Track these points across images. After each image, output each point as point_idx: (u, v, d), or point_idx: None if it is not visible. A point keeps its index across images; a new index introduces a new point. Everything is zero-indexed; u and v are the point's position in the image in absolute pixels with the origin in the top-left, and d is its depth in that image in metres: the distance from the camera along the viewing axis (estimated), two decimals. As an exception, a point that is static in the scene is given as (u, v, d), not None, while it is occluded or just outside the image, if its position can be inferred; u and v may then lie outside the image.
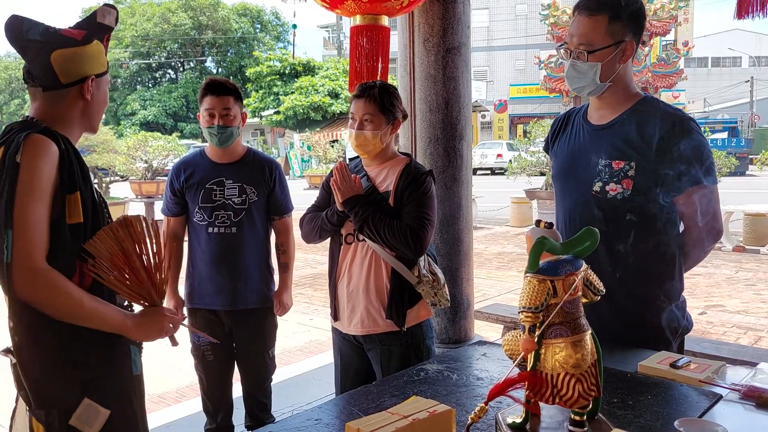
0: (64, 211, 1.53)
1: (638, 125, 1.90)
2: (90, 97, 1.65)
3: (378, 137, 2.30)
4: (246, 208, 2.78)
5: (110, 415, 1.59)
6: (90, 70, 1.64)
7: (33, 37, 1.57)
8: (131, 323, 1.60)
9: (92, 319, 1.53)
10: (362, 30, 3.01)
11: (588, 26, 1.89)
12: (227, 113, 2.71)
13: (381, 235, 2.21)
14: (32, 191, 1.47)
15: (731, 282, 6.98)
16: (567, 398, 1.24)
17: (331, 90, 27.59)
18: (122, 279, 1.58)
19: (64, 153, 1.54)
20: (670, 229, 1.94)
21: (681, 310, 2.01)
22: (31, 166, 1.47)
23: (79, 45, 1.60)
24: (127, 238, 1.57)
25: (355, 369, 2.44)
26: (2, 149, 1.50)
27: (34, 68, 1.60)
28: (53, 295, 1.47)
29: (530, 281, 1.24)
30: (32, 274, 1.45)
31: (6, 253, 1.43)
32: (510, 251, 9.33)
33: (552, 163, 2.23)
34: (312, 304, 6.44)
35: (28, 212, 1.46)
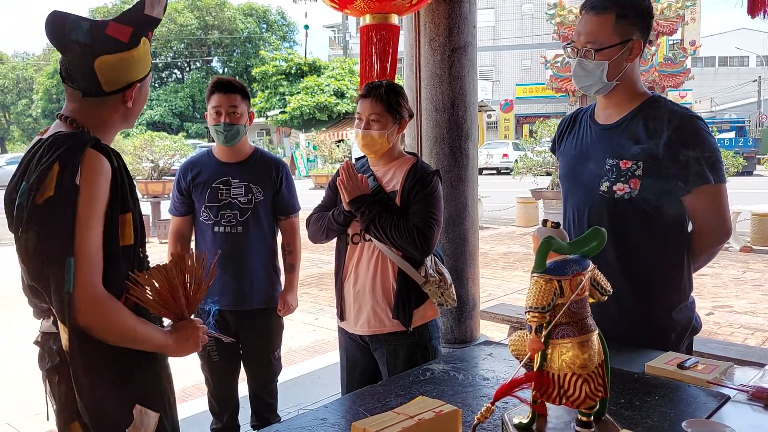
0: (116, 233, 1.47)
1: (645, 124, 1.89)
2: (131, 103, 1.57)
3: (385, 137, 2.30)
4: (252, 207, 2.78)
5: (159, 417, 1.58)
6: (135, 76, 1.54)
7: (76, 38, 1.45)
8: (171, 341, 1.57)
9: (141, 343, 1.51)
10: (372, 29, 3.00)
11: (595, 25, 1.88)
12: (234, 111, 2.72)
13: (387, 235, 2.20)
14: (92, 216, 1.40)
15: (739, 282, 6.94)
16: (574, 399, 1.23)
17: (336, 90, 27.60)
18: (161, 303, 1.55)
19: (117, 171, 1.47)
20: (679, 229, 1.93)
21: (689, 311, 2.00)
22: (89, 188, 1.40)
23: (125, 49, 1.49)
24: (178, 275, 1.54)
25: (362, 369, 2.44)
26: (57, 167, 1.39)
27: (75, 72, 1.49)
28: (111, 322, 1.44)
29: (537, 281, 1.23)
30: (93, 303, 1.40)
31: (68, 283, 1.36)
32: (516, 251, 9.31)
33: (559, 164, 2.22)
34: (318, 303, 6.45)
35: (89, 238, 1.39)
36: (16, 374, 4.62)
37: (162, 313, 1.57)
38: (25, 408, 3.97)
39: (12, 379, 4.51)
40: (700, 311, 2.09)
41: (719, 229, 1.92)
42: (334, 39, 43.93)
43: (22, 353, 5.10)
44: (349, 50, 33.40)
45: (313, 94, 27.26)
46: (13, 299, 7.04)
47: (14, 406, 4.04)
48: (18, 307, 6.76)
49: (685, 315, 1.98)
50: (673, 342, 1.94)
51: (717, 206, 1.89)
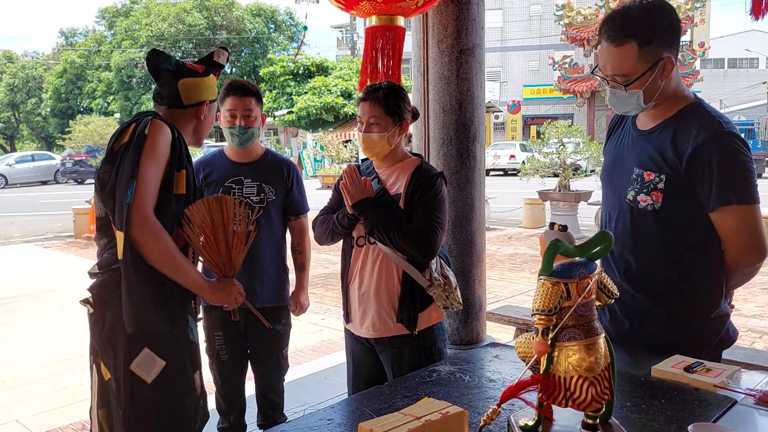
0: (172, 183, 1.89)
1: (674, 135, 1.81)
2: (203, 118, 2.09)
3: (385, 139, 2.29)
4: (264, 206, 2.80)
5: (165, 366, 1.86)
6: (206, 97, 2.07)
7: (166, 67, 2.00)
8: (207, 286, 1.94)
9: (180, 272, 1.85)
10: (378, 31, 3.00)
11: (618, 57, 1.78)
12: (249, 114, 2.74)
13: (391, 239, 2.19)
14: (153, 157, 1.83)
15: (746, 286, 6.85)
16: (580, 401, 1.24)
17: (344, 90, 27.63)
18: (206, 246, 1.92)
19: (176, 140, 1.92)
20: (705, 246, 1.86)
21: (717, 324, 1.92)
22: (154, 139, 1.84)
23: (199, 76, 2.04)
24: (218, 212, 1.92)
25: (368, 370, 2.44)
26: (133, 126, 1.87)
27: (164, 91, 2.02)
28: (155, 241, 1.79)
29: (544, 284, 1.24)
30: (143, 219, 1.77)
31: (129, 196, 1.76)
32: (522, 253, 9.30)
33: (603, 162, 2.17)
34: (324, 303, 6.46)
35: (148, 171, 1.81)
36: (23, 374, 4.65)
37: (209, 263, 1.95)
38: (32, 406, 4.00)
39: (19, 379, 4.54)
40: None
41: (749, 249, 1.82)
42: (342, 39, 43.96)
43: (28, 353, 5.14)
44: (356, 51, 33.41)
45: (320, 95, 27.30)
46: (19, 300, 7.08)
47: (22, 404, 4.06)
48: (23, 309, 6.81)
49: (711, 328, 1.90)
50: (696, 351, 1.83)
51: (744, 226, 1.79)
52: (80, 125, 28.78)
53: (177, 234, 1.90)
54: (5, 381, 4.49)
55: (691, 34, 22.72)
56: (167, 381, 1.86)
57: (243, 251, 1.97)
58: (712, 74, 36.82)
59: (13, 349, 5.26)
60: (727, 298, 1.96)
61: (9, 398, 4.17)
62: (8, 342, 5.50)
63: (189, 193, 1.94)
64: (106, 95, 39.00)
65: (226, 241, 1.92)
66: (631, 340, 1.93)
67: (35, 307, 6.66)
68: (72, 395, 4.06)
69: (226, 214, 1.92)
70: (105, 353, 1.86)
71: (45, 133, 43.84)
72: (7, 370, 4.72)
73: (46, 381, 4.45)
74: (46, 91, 41.91)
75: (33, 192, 23.16)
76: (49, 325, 5.93)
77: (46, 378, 4.50)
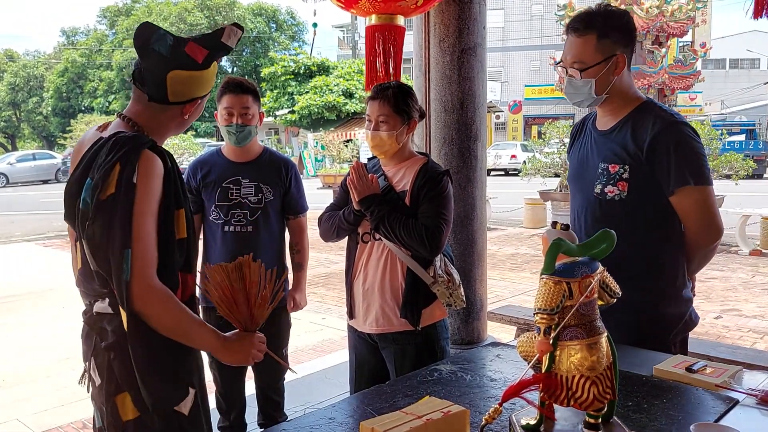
0: (172, 227, 1.60)
1: (632, 130, 2.00)
2: (188, 117, 1.71)
3: (394, 138, 2.31)
4: (262, 207, 2.79)
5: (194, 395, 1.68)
6: (198, 93, 1.67)
7: (158, 49, 1.60)
8: (223, 345, 1.65)
9: (191, 339, 1.61)
10: (377, 30, 3.00)
11: (578, 46, 2.00)
12: (246, 112, 2.73)
13: (397, 234, 2.21)
14: (147, 211, 1.53)
15: (748, 286, 6.90)
16: (582, 401, 1.24)
17: (345, 90, 27.61)
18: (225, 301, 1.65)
19: (170, 171, 1.60)
20: (668, 229, 2.02)
21: (682, 306, 2.07)
22: (145, 186, 1.53)
23: (197, 69, 1.63)
24: (237, 279, 1.63)
25: (370, 368, 2.45)
26: (118, 167, 1.52)
27: (148, 78, 1.62)
28: (164, 312, 1.54)
29: (546, 283, 1.24)
30: (149, 291, 1.51)
31: (126, 272, 1.48)
32: (523, 252, 9.29)
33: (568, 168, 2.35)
34: (325, 303, 6.46)
35: (145, 232, 1.52)
36: (23, 373, 4.65)
37: (227, 316, 1.67)
38: (33, 405, 4.00)
39: (20, 378, 4.55)
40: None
41: (706, 230, 1.99)
42: (343, 39, 43.95)
43: (29, 352, 5.14)
44: (357, 50, 33.41)
45: (321, 94, 27.28)
46: (20, 299, 7.09)
47: (23, 403, 4.07)
48: (24, 307, 6.81)
49: (676, 309, 2.06)
50: (662, 335, 2.03)
51: (701, 208, 1.96)
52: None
53: (184, 281, 1.65)
54: (6, 379, 4.49)
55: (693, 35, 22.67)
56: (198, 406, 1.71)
57: (268, 309, 1.70)
58: (714, 75, 36.80)
59: (13, 348, 5.26)
60: (690, 283, 2.11)
61: (10, 397, 4.17)
62: (9, 340, 5.50)
63: (190, 233, 1.67)
64: (108, 94, 39.00)
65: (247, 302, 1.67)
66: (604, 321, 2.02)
67: (36, 306, 6.66)
68: (73, 394, 4.06)
69: (250, 279, 1.65)
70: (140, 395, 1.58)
71: (46, 132, 43.87)
72: (8, 368, 4.72)
73: (46, 380, 4.45)
74: (48, 90, 41.93)
75: (34, 191, 23.17)
76: (49, 323, 5.93)
77: (46, 377, 4.50)
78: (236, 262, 1.65)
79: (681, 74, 18.37)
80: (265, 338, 1.75)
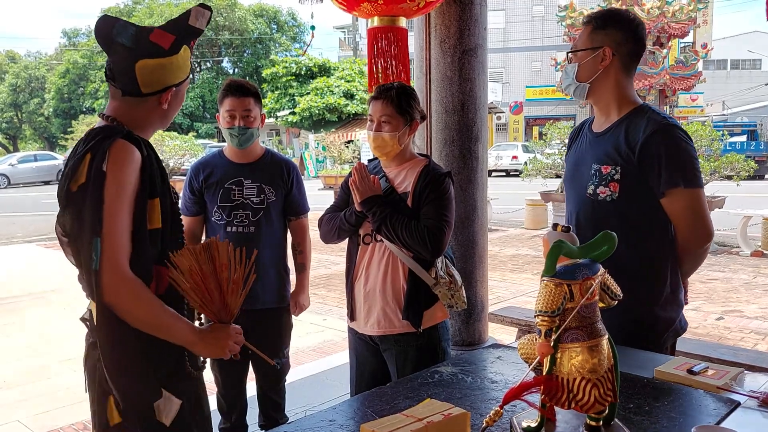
0: (145, 217, 1.54)
1: (626, 132, 2.02)
2: (167, 105, 1.66)
3: (396, 138, 2.31)
4: (264, 207, 2.80)
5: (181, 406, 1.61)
6: (171, 81, 1.63)
7: (121, 41, 1.57)
8: (198, 338, 1.59)
9: (165, 332, 1.55)
10: (379, 32, 3.00)
11: (580, 33, 2.11)
12: (248, 114, 2.73)
13: (398, 236, 2.21)
14: (118, 200, 1.48)
15: (749, 287, 6.89)
16: (583, 403, 1.23)
17: (346, 91, 27.62)
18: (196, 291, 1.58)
19: (146, 159, 1.56)
20: (659, 230, 2.03)
21: (672, 311, 2.07)
22: (116, 174, 1.48)
23: (165, 56, 1.59)
24: (208, 261, 1.57)
25: (371, 370, 2.45)
26: (89, 156, 1.50)
27: (117, 72, 1.60)
28: (136, 304, 1.49)
29: (547, 285, 1.23)
30: (119, 282, 1.46)
31: (95, 261, 1.45)
32: (525, 254, 9.29)
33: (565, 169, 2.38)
34: (326, 304, 6.45)
35: (115, 221, 1.47)
36: (24, 373, 4.65)
37: (201, 308, 1.61)
38: (34, 406, 4.00)
39: (20, 379, 4.55)
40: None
41: (696, 233, 2.00)
42: (344, 40, 43.97)
43: (30, 353, 5.15)
44: (359, 51, 33.42)
45: (322, 95, 27.29)
46: (21, 300, 7.09)
47: (23, 404, 4.07)
48: (25, 308, 6.81)
49: (667, 314, 2.06)
50: (653, 338, 2.03)
51: (691, 210, 1.98)
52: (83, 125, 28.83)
53: (159, 274, 1.58)
54: (7, 380, 4.49)
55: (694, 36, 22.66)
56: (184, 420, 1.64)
57: (241, 295, 1.63)
58: (715, 75, 36.76)
59: (14, 349, 5.26)
60: (683, 289, 2.11)
61: (10, 398, 4.17)
62: (10, 341, 5.50)
63: (166, 224, 1.60)
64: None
65: (219, 288, 1.60)
66: None
67: (37, 307, 6.66)
68: (73, 395, 4.06)
69: (219, 261, 1.58)
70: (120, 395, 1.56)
71: (47, 133, 43.91)
72: (9, 369, 4.73)
73: (47, 381, 4.45)
74: (49, 92, 41.97)
75: (35, 192, 23.18)
76: (51, 324, 5.93)
77: (47, 378, 4.50)
78: (204, 243, 1.59)
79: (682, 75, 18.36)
80: (241, 330, 1.69)
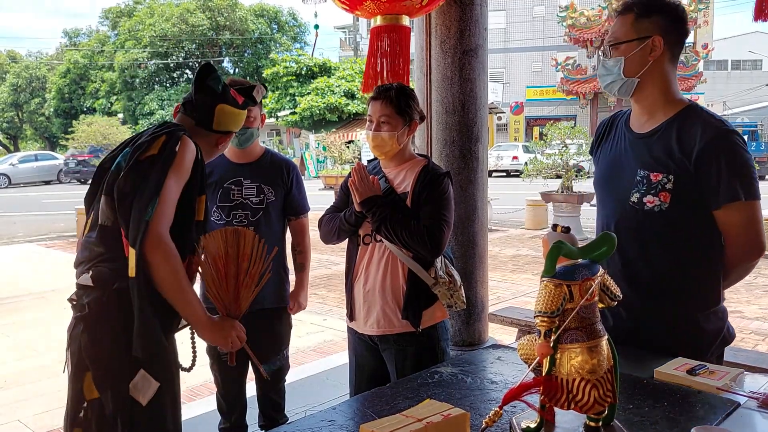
0: (194, 209, 1.87)
1: (678, 136, 1.84)
2: (220, 147, 2.08)
3: (395, 138, 2.31)
4: (263, 207, 2.80)
5: (159, 388, 1.78)
6: (234, 128, 2.07)
7: (212, 86, 1.96)
8: (207, 321, 1.83)
9: (184, 300, 1.76)
10: (383, 30, 2.99)
11: (617, 24, 1.91)
12: (248, 115, 2.72)
13: (398, 236, 2.21)
14: (179, 176, 1.79)
15: (749, 288, 6.89)
16: (582, 404, 1.23)
17: (347, 91, 27.62)
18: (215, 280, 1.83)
19: (199, 161, 1.88)
20: (709, 242, 1.89)
21: (720, 320, 1.96)
22: (182, 157, 1.79)
23: (237, 107, 2.02)
24: (234, 246, 1.83)
25: (370, 370, 2.45)
26: (164, 138, 1.80)
27: (199, 107, 1.97)
28: (165, 261, 1.70)
29: (546, 285, 1.23)
30: (158, 238, 1.69)
31: (149, 213, 1.69)
32: (525, 254, 9.29)
33: (594, 169, 2.19)
34: (326, 304, 6.46)
35: (171, 192, 1.76)
36: (25, 373, 4.65)
37: (214, 299, 1.84)
38: (34, 406, 4.01)
39: (21, 378, 4.55)
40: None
41: (751, 246, 1.87)
42: (345, 40, 43.96)
43: (30, 353, 5.15)
44: (359, 51, 33.41)
45: (323, 95, 27.30)
46: (22, 300, 7.09)
47: (24, 403, 4.07)
48: (26, 308, 6.80)
49: (714, 324, 1.93)
50: (701, 350, 1.89)
51: (748, 223, 1.84)
52: (83, 125, 28.79)
53: (189, 262, 1.84)
54: (7, 380, 4.49)
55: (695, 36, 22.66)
56: (159, 402, 1.78)
57: (254, 292, 1.86)
58: (716, 76, 36.74)
59: (15, 349, 5.27)
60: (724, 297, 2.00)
61: (11, 397, 4.17)
62: (10, 341, 5.51)
63: (206, 219, 1.93)
64: (110, 95, 39.01)
65: (236, 277, 1.81)
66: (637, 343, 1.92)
67: (38, 307, 6.66)
68: (74, 395, 4.06)
69: (242, 249, 1.82)
70: (99, 372, 1.72)
71: (48, 133, 43.91)
72: (9, 369, 4.73)
73: (48, 380, 4.45)
74: (50, 91, 41.96)
75: (36, 192, 23.20)
76: (51, 324, 5.93)
77: (48, 377, 4.50)
78: (234, 228, 1.88)
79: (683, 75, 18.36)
80: (245, 330, 1.90)
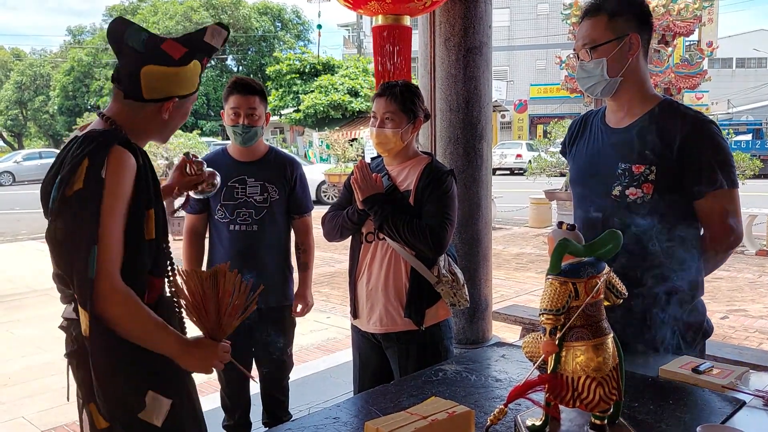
0: (142, 227, 1.55)
1: (658, 128, 1.88)
2: (167, 116, 1.64)
3: (398, 135, 2.31)
4: (267, 206, 2.80)
5: (172, 405, 1.60)
6: (175, 92, 1.62)
7: (131, 45, 1.56)
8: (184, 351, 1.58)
9: (153, 343, 1.54)
10: (384, 30, 3.00)
11: (590, 26, 1.92)
12: (252, 113, 2.73)
13: (400, 234, 2.21)
14: (115, 209, 1.48)
15: (754, 286, 6.87)
16: (588, 402, 1.23)
17: (350, 88, 27.59)
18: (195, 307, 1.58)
19: (142, 168, 1.55)
20: (691, 233, 1.92)
21: (701, 314, 1.99)
22: (114, 182, 1.47)
23: (172, 65, 1.59)
24: (212, 287, 1.57)
25: (374, 367, 2.45)
26: (86, 162, 1.47)
27: (123, 74, 1.59)
28: (127, 315, 1.48)
29: (552, 283, 1.23)
30: (112, 292, 1.46)
31: (91, 269, 1.43)
32: (529, 252, 9.28)
33: (570, 167, 2.21)
34: (330, 302, 6.46)
35: (111, 230, 1.47)
36: (29, 370, 4.67)
37: (196, 323, 1.60)
38: (38, 403, 4.02)
39: (26, 375, 4.56)
40: (714, 315, 2.08)
41: (731, 234, 1.91)
42: (349, 38, 43.94)
43: (35, 350, 5.16)
44: (363, 49, 33.41)
45: (327, 93, 27.26)
46: (26, 297, 7.11)
47: (28, 400, 4.08)
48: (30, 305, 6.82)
49: (696, 318, 1.97)
50: (685, 344, 1.93)
51: (729, 211, 1.88)
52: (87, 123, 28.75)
53: (151, 284, 1.60)
54: (11, 377, 4.51)
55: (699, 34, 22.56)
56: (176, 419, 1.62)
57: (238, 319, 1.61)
58: (720, 74, 36.61)
59: (19, 346, 5.28)
60: None
61: (15, 395, 4.18)
62: (15, 338, 5.52)
63: (159, 234, 1.60)
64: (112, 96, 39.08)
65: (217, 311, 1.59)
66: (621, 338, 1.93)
67: (42, 304, 6.68)
68: (78, 392, 4.08)
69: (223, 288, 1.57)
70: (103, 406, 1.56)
71: (52, 131, 43.98)
72: (13, 366, 4.74)
73: (52, 378, 4.46)
74: (54, 89, 42.02)
75: (40, 189, 23.24)
76: (55, 321, 5.93)
77: (52, 375, 4.51)
78: (212, 270, 1.58)
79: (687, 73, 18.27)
80: (229, 347, 1.65)
